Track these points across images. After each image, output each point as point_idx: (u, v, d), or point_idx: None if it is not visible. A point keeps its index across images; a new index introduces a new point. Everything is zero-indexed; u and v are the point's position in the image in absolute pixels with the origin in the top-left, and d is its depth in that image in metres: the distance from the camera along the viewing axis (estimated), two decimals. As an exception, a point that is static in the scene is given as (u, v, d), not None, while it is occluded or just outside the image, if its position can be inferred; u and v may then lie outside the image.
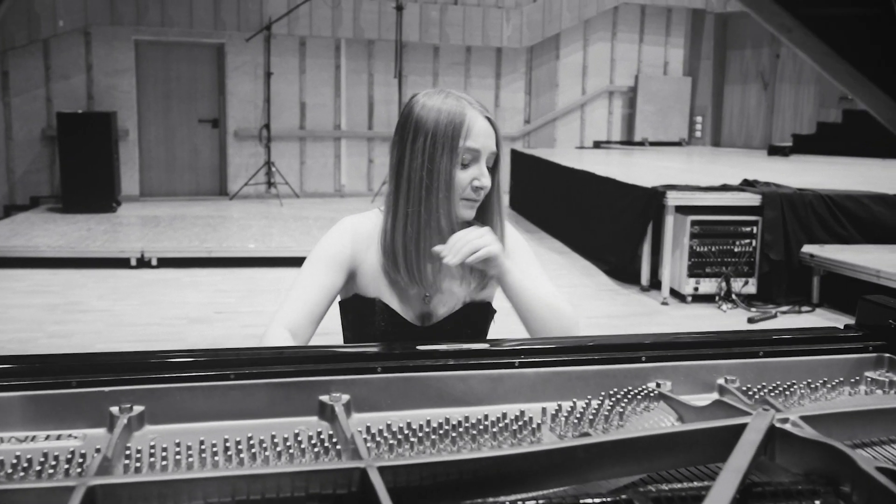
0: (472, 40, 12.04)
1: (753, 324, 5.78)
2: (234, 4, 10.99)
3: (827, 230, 6.28)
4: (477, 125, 1.70)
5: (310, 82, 11.59)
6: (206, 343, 5.01)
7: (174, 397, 1.27)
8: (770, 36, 12.59)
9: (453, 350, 1.41)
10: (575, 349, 1.46)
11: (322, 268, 1.75)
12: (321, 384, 1.32)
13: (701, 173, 8.32)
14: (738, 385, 1.46)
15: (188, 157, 11.29)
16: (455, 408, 1.36)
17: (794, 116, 12.33)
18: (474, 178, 1.71)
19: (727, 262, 6.26)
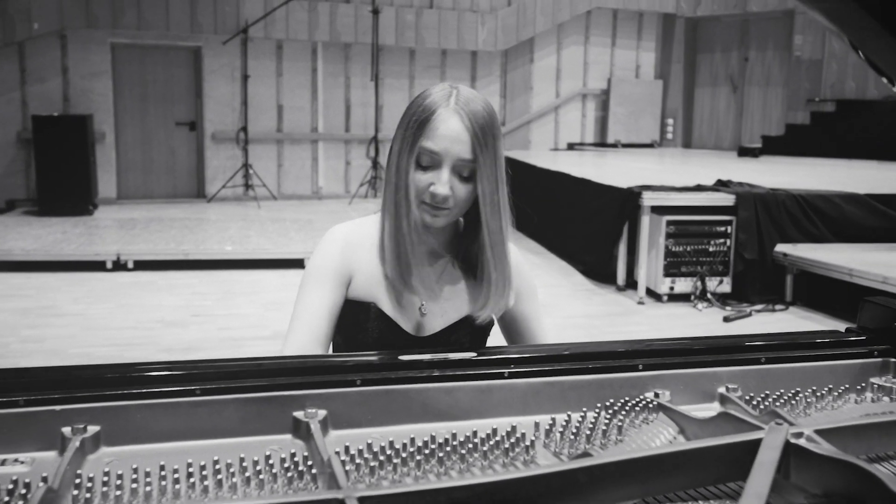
0: (448, 44, 11.91)
1: (729, 322, 5.71)
2: (211, 8, 10.79)
3: (799, 229, 6.22)
4: (444, 125, 1.49)
5: (287, 85, 11.40)
6: (182, 347, 4.85)
7: (134, 415, 1.13)
8: (739, 40, 12.59)
9: (438, 360, 1.28)
10: (568, 357, 1.33)
11: (319, 286, 1.60)
12: (295, 399, 1.19)
13: (674, 174, 8.26)
14: (740, 394, 1.35)
15: (165, 160, 11.07)
16: (441, 422, 1.24)
17: (763, 118, 12.33)
18: (431, 184, 1.51)
19: (702, 261, 6.18)
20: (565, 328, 5.53)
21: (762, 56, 12.35)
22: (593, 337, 5.32)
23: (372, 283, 1.62)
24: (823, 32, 11.52)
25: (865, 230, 6.26)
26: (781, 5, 11.89)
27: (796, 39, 11.77)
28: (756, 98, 12.42)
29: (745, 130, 12.47)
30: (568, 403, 1.29)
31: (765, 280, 6.19)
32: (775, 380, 1.38)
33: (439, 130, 1.49)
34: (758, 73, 12.40)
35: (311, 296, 1.59)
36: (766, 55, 12.31)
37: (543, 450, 1.17)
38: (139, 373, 1.19)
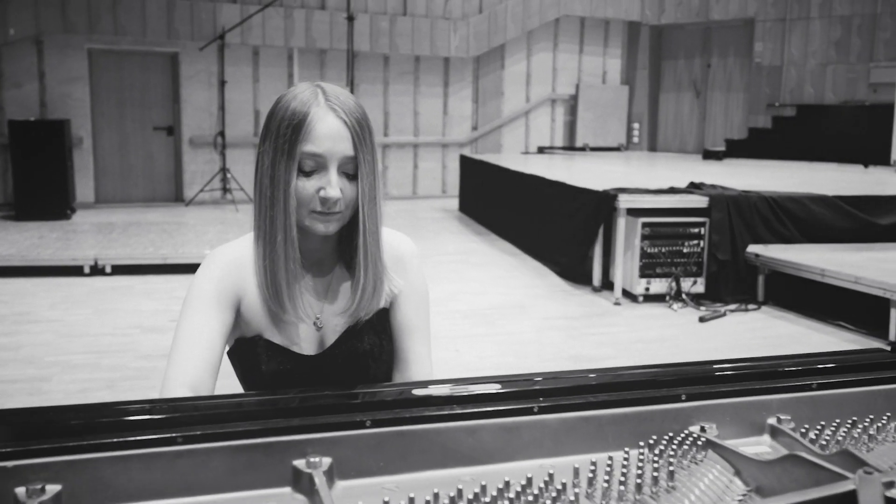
0: (421, 50, 11.69)
1: (705, 322, 5.55)
2: (188, 14, 10.46)
3: (770, 230, 6.09)
4: (321, 126, 1.32)
5: (263, 90, 11.11)
6: (161, 353, 4.58)
7: (103, 471, 0.91)
8: (701, 47, 12.51)
9: (458, 395, 1.07)
10: (603, 387, 1.13)
11: (205, 307, 1.39)
12: (295, 445, 0.97)
13: (642, 176, 8.11)
14: (793, 426, 1.15)
15: (143, 165, 10.72)
16: (464, 468, 1.02)
17: (725, 123, 12.26)
18: (320, 188, 1.33)
19: (677, 262, 6.03)
20: (544, 329, 5.34)
21: (724, 62, 12.28)
22: (573, 338, 5.15)
23: (257, 313, 1.42)
24: (783, 39, 11.47)
25: (834, 231, 6.15)
26: (742, 14, 11.83)
27: (756, 46, 11.71)
28: (718, 103, 12.35)
29: (709, 134, 12.40)
30: (606, 441, 1.08)
31: (737, 280, 6.05)
32: (828, 407, 1.19)
33: (318, 130, 1.32)
34: (720, 78, 12.33)
35: (199, 317, 1.38)
36: (727, 62, 12.24)
37: (587, 502, 0.96)
38: (108, 417, 0.96)
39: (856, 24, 10.82)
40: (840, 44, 10.97)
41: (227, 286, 1.40)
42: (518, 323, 5.47)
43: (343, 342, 1.44)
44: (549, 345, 5.02)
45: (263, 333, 1.42)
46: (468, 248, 8.14)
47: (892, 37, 10.51)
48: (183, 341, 1.37)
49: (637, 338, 5.22)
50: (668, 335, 5.30)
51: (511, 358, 4.71)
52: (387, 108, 11.77)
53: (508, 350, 4.87)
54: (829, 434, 1.12)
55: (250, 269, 1.42)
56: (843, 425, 1.14)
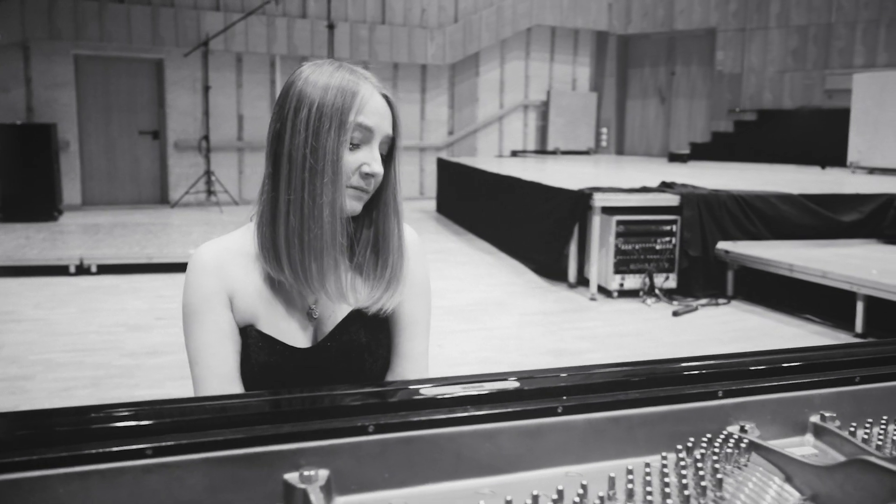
0: (399, 57, 11.50)
1: (678, 317, 5.42)
2: (172, 21, 10.18)
3: (739, 228, 5.98)
4: (373, 101, 1.22)
5: (247, 96, 10.85)
6: (146, 351, 4.35)
7: (52, 490, 0.71)
8: (666, 55, 12.44)
9: (471, 395, 0.89)
10: (633, 383, 0.95)
11: (207, 317, 1.24)
12: (285, 456, 0.78)
13: (613, 177, 7.98)
14: (838, 424, 0.99)
15: (129, 168, 10.42)
16: (482, 478, 0.84)
17: (689, 127, 12.19)
18: (364, 163, 1.21)
19: (650, 258, 5.89)
20: (523, 325, 5.18)
21: (687, 70, 12.21)
22: (551, 332, 4.99)
23: (248, 304, 1.26)
24: (743, 48, 11.42)
25: (799, 228, 6.05)
26: (704, 24, 11.77)
27: (718, 55, 11.66)
28: (682, 109, 12.29)
29: (673, 138, 12.33)
30: (637, 445, 0.91)
31: (708, 276, 5.93)
32: (872, 403, 1.02)
33: (369, 106, 1.21)
34: (683, 85, 12.27)
35: (202, 331, 1.23)
36: (690, 69, 12.18)
37: (631, 519, 0.78)
38: (61, 426, 0.77)
39: (811, 34, 10.79)
40: (797, 52, 10.95)
41: (219, 289, 1.25)
42: (498, 319, 5.30)
43: (338, 334, 1.28)
44: (529, 339, 4.85)
45: (255, 324, 1.26)
46: (447, 248, 7.96)
47: (846, 45, 10.50)
48: (196, 363, 1.24)
49: (614, 332, 5.07)
50: (643, 329, 5.16)
51: (492, 352, 4.54)
52: (366, 114, 11.55)
53: (489, 345, 4.69)
54: (880, 432, 0.95)
55: (238, 263, 1.27)
56: (892, 422, 0.98)
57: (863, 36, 10.36)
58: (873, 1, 10.26)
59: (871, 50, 10.29)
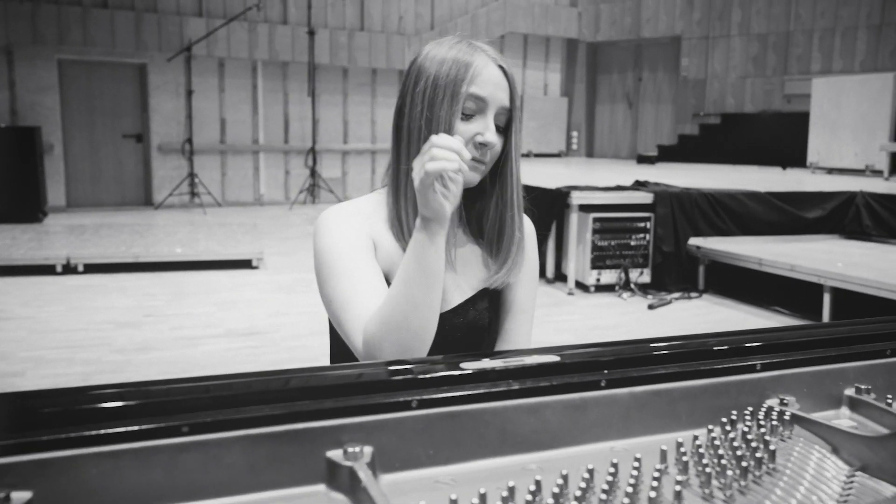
0: (378, 63, 11.40)
1: (654, 310, 5.41)
2: (155, 27, 9.99)
3: (709, 224, 5.99)
4: (486, 71, 1.18)
5: (229, 100, 10.69)
6: (135, 347, 4.23)
7: (85, 471, 0.64)
8: (633, 62, 12.49)
9: (513, 368, 0.83)
10: (673, 356, 0.90)
11: (359, 256, 1.17)
12: (328, 432, 0.71)
13: (586, 177, 7.96)
14: (874, 396, 0.94)
15: (113, 170, 10.20)
16: (528, 454, 0.78)
17: (655, 130, 12.25)
18: (477, 133, 1.16)
19: (625, 254, 5.88)
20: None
21: (654, 76, 12.27)
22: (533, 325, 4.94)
23: (388, 258, 1.21)
24: (706, 55, 11.51)
25: (766, 224, 6.08)
26: (670, 32, 11.84)
27: (683, 61, 11.73)
28: (649, 113, 12.34)
29: (641, 141, 12.38)
30: (679, 419, 0.85)
31: (680, 270, 5.93)
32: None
33: (483, 76, 1.18)
34: (650, 91, 12.32)
35: (356, 270, 1.15)
36: (657, 75, 12.24)
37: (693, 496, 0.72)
38: (92, 404, 0.69)
39: (771, 42, 10.90)
40: (757, 59, 11.05)
41: (363, 235, 1.20)
42: (480, 313, 5.24)
43: (465, 309, 1.24)
44: (512, 332, 4.80)
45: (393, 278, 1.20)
46: (427, 246, 7.87)
47: (804, 52, 10.61)
48: (351, 303, 1.13)
49: (593, 325, 5.04)
50: (621, 322, 5.14)
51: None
52: (346, 118, 11.46)
53: (474, 338, 4.63)
54: (918, 404, 0.91)
55: (376, 217, 1.23)
56: (927, 394, 0.93)
57: (819, 43, 10.48)
58: (829, 10, 10.39)
59: (828, 57, 10.41)
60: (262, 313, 4.96)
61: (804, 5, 10.56)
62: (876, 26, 9.97)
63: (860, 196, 6.19)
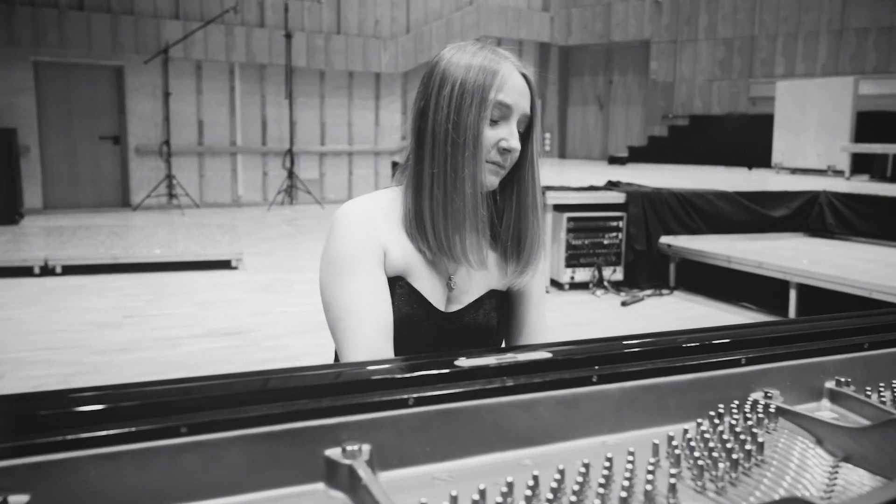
0: (354, 66, 11.36)
1: (627, 306, 5.45)
2: (132, 29, 9.86)
3: (680, 223, 6.05)
4: (513, 79, 1.20)
5: (206, 102, 10.57)
6: (116, 348, 4.16)
7: (83, 473, 0.63)
8: (604, 65, 12.57)
9: (506, 364, 0.82)
10: (661, 352, 0.90)
11: (363, 266, 1.17)
12: (327, 431, 0.71)
13: (559, 178, 8.00)
14: (853, 388, 0.95)
15: (91, 172, 10.04)
16: (522, 449, 0.78)
17: (626, 132, 12.35)
18: (502, 139, 1.18)
19: (598, 253, 5.92)
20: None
21: (624, 79, 12.37)
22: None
23: (401, 258, 1.21)
24: (675, 59, 11.62)
25: (734, 223, 6.15)
26: (639, 36, 11.94)
27: (652, 65, 11.83)
28: (620, 114, 12.43)
29: (612, 142, 12.48)
30: (668, 413, 0.86)
31: (652, 268, 5.98)
32: (880, 367, 0.99)
33: (509, 84, 1.19)
34: (621, 93, 12.42)
35: (358, 282, 1.16)
36: (627, 78, 12.34)
37: (685, 488, 0.73)
38: (90, 405, 0.68)
39: (737, 46, 11.04)
40: (724, 62, 11.18)
41: (373, 243, 1.20)
42: (458, 311, 5.24)
43: (474, 309, 1.26)
44: (490, 330, 4.80)
45: (405, 276, 1.22)
46: (404, 245, 7.86)
47: (768, 56, 10.76)
48: (349, 312, 1.15)
49: (569, 321, 5.06)
50: (594, 318, 5.17)
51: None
52: (323, 120, 11.40)
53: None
54: (894, 395, 0.92)
55: (390, 219, 1.23)
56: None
57: (783, 48, 10.63)
58: (791, 16, 10.54)
59: (791, 60, 10.57)
60: (242, 313, 4.91)
61: (768, 11, 10.71)
62: (836, 31, 10.14)
63: (823, 195, 6.29)
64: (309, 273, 6.22)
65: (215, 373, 1.12)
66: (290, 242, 7.70)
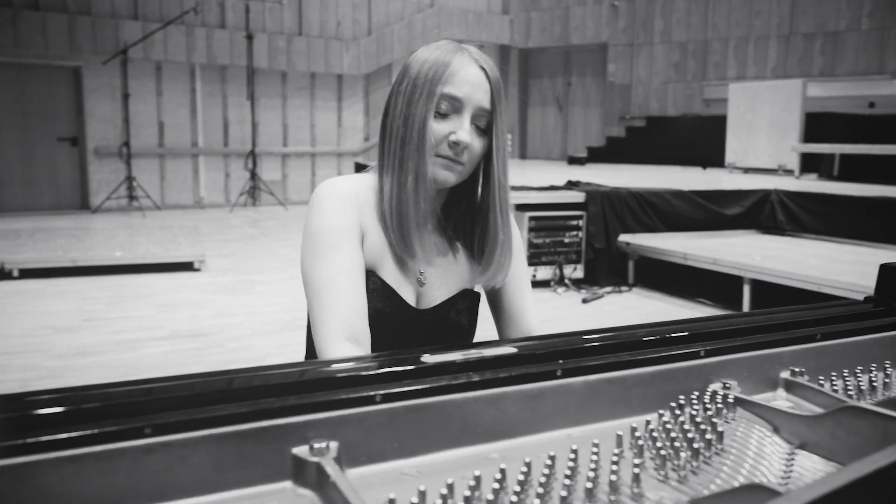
0: (316, 67, 11.27)
1: (587, 303, 5.50)
2: (90, 29, 9.63)
3: (637, 221, 6.13)
4: (464, 72, 1.16)
5: (167, 104, 10.39)
6: (76, 352, 4.06)
7: (45, 477, 0.61)
8: (563, 68, 12.69)
9: (473, 360, 0.82)
10: (624, 345, 0.91)
11: (340, 245, 1.14)
12: (293, 429, 0.70)
13: (521, 178, 8.05)
14: (807, 378, 0.97)
15: (48, 174, 9.79)
16: (488, 443, 0.78)
17: (584, 133, 12.48)
18: (451, 132, 1.15)
19: (559, 251, 5.96)
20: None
21: (582, 81, 12.49)
22: (473, 322, 4.96)
23: (374, 249, 1.19)
24: (631, 61, 11.78)
25: (690, 221, 6.25)
26: (597, 39, 12.07)
27: (610, 67, 11.97)
28: (578, 116, 12.56)
29: (571, 143, 12.59)
30: (631, 405, 0.87)
31: (611, 266, 6.05)
32: (831, 358, 1.02)
33: (460, 76, 1.16)
34: (579, 95, 12.54)
35: (339, 258, 1.13)
36: (585, 80, 12.47)
37: (649, 475, 0.73)
38: (51, 407, 0.66)
39: (691, 49, 11.23)
40: (678, 65, 11.37)
41: (353, 220, 1.17)
42: (422, 310, 5.23)
43: (445, 308, 1.24)
44: (453, 328, 4.81)
45: (377, 271, 1.19)
46: (368, 246, 7.82)
47: (721, 59, 10.97)
48: (328, 289, 1.11)
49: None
50: (556, 315, 5.20)
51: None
52: (285, 121, 11.29)
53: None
54: (846, 384, 0.95)
55: (369, 204, 1.20)
56: (861, 375, 0.97)
57: (734, 51, 10.85)
58: (743, 21, 10.76)
59: (742, 63, 10.79)
60: (205, 315, 4.84)
61: (720, 15, 10.92)
62: (785, 36, 10.38)
63: (774, 194, 6.43)
64: (272, 274, 6.15)
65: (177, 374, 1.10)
66: (254, 244, 7.61)
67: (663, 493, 0.69)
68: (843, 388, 0.94)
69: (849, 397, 0.91)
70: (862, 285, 4.20)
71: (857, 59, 9.82)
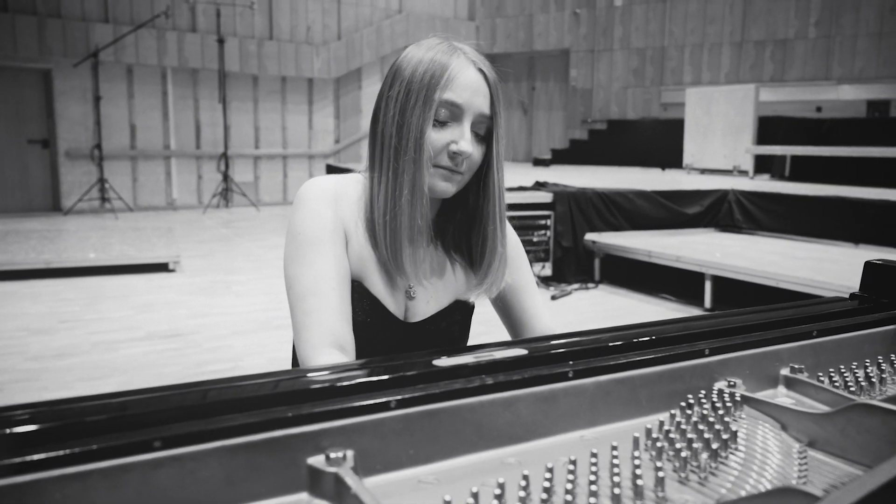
0: (287, 71, 11.12)
1: (556, 300, 5.50)
2: (60, 32, 9.36)
3: (603, 220, 6.15)
4: (463, 76, 1.04)
5: (139, 106, 10.15)
6: (52, 354, 3.92)
7: (50, 494, 0.55)
8: (527, 73, 12.71)
9: (485, 363, 0.78)
10: (631, 345, 0.87)
11: (328, 248, 1.05)
12: (308, 438, 0.65)
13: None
14: (807, 375, 0.95)
15: (18, 176, 9.49)
16: (504, 447, 0.74)
17: (548, 136, 12.52)
18: (451, 142, 1.04)
19: (528, 250, 5.94)
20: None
21: (546, 86, 12.54)
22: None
23: (359, 257, 1.09)
24: (592, 67, 11.85)
25: (653, 220, 6.30)
26: (559, 45, 12.12)
27: (572, 72, 12.03)
28: (542, 119, 12.60)
29: (535, 145, 12.63)
30: (640, 405, 0.83)
31: (579, 264, 6.07)
32: (828, 354, 1.00)
33: (458, 81, 1.04)
34: (543, 99, 12.59)
35: (323, 262, 1.03)
36: (548, 85, 12.51)
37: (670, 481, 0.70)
38: (54, 421, 0.60)
39: (649, 55, 11.34)
40: (637, 71, 11.47)
41: (338, 223, 1.07)
42: (397, 308, 5.18)
43: (437, 321, 1.14)
44: (428, 326, 4.76)
45: (362, 281, 1.09)
46: (341, 246, 7.73)
47: (677, 65, 11.10)
48: (312, 295, 1.01)
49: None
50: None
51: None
52: (257, 124, 11.12)
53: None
54: (849, 379, 0.93)
55: (355, 208, 1.10)
56: (859, 371, 0.95)
57: (690, 57, 10.98)
58: (697, 28, 10.90)
59: (697, 69, 10.92)
60: (182, 315, 4.72)
61: (676, 23, 11.04)
62: (738, 43, 10.54)
63: (731, 194, 6.51)
64: (247, 274, 6.04)
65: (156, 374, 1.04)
66: (228, 244, 7.47)
67: (687, 497, 0.66)
68: (844, 384, 0.92)
69: (851, 393, 0.89)
70: (818, 280, 4.26)
71: (805, 66, 10.01)
